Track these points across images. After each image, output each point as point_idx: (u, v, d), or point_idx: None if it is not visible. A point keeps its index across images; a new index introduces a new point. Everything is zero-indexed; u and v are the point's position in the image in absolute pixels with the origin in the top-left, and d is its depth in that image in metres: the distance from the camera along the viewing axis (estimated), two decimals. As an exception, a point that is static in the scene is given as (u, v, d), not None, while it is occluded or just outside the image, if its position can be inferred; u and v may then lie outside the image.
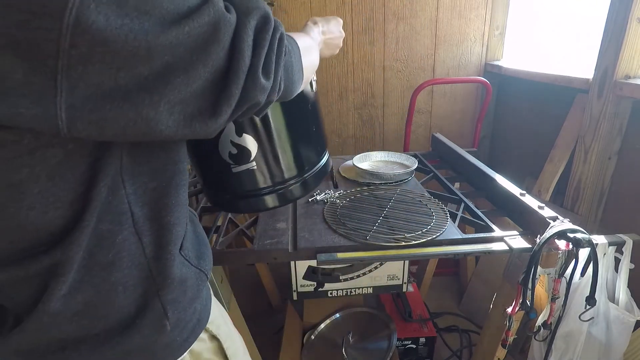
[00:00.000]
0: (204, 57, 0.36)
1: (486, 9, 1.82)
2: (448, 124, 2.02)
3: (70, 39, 0.29)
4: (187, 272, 0.51)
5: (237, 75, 0.38)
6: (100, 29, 0.30)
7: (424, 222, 0.93)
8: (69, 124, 0.32)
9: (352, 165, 1.27)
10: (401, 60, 1.89)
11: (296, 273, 1.14)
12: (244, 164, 0.70)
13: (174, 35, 0.33)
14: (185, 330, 0.52)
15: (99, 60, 0.31)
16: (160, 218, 0.47)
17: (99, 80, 0.32)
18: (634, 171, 1.20)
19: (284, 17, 1.77)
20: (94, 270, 0.43)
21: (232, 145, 0.68)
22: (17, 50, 0.29)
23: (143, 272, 0.46)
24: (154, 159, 0.45)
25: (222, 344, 0.59)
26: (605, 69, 1.19)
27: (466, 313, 1.77)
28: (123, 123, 0.34)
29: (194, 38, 0.35)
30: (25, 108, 0.31)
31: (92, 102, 0.32)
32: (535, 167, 1.57)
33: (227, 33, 0.37)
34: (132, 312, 0.46)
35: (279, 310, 1.76)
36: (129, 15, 0.31)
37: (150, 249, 0.46)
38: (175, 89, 0.35)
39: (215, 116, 0.38)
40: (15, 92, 0.30)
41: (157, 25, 0.32)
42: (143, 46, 0.32)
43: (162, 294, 0.47)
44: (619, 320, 0.91)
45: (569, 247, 0.78)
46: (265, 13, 0.41)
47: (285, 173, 0.75)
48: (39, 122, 0.32)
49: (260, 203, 0.76)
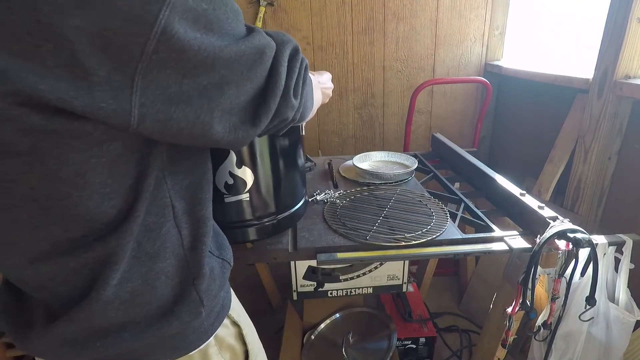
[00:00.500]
0: (251, 75, 0.43)
1: (486, 9, 1.82)
2: (448, 124, 2.03)
3: (155, 45, 0.34)
4: (212, 262, 0.55)
5: (275, 93, 0.45)
6: (180, 39, 0.35)
7: (424, 222, 0.93)
8: (139, 120, 0.36)
9: (352, 165, 1.27)
10: (401, 60, 1.89)
11: (296, 273, 1.14)
12: (237, 195, 0.75)
13: (233, 52, 0.39)
14: (212, 316, 0.56)
15: (171, 66, 0.36)
16: (195, 212, 0.51)
17: (166, 84, 0.36)
18: (634, 171, 1.20)
19: (284, 17, 1.78)
20: (141, 260, 0.46)
21: (229, 176, 0.73)
22: (107, 51, 0.33)
23: (180, 262, 0.50)
24: (188, 158, 0.50)
25: (242, 330, 0.62)
26: (605, 69, 1.19)
27: (466, 313, 1.77)
28: (183, 124, 0.39)
29: (246, 58, 0.41)
30: (106, 103, 0.34)
31: (160, 103, 0.37)
32: (535, 167, 1.57)
33: (270, 58, 0.45)
34: (171, 299, 0.50)
35: (279, 310, 1.77)
36: (200, 30, 0.36)
37: (187, 240, 0.50)
38: (227, 100, 0.41)
39: (255, 126, 0.45)
40: (99, 88, 0.33)
41: (221, 42, 0.38)
42: (210, 57, 0.37)
43: (197, 282, 0.51)
44: (619, 320, 0.91)
45: (569, 247, 0.78)
46: (296, 46, 0.50)
47: (270, 207, 0.81)
48: (116, 116, 0.35)
49: (239, 235, 0.81)
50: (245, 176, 0.74)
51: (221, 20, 0.38)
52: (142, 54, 0.34)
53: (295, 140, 0.82)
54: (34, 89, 0.31)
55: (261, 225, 0.81)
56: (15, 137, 0.34)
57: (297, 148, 0.83)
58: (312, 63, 1.86)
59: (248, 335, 0.64)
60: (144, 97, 0.35)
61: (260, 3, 1.72)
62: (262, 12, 1.74)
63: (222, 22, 0.38)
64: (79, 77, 0.32)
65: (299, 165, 0.86)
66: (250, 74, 0.42)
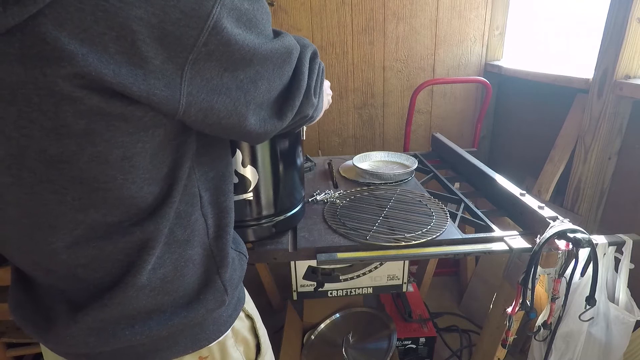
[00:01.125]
0: (280, 72, 0.47)
1: (486, 9, 1.82)
2: (448, 124, 2.02)
3: (207, 38, 0.37)
4: (232, 254, 0.56)
5: (299, 90, 0.50)
6: (228, 34, 0.38)
7: (424, 222, 0.93)
8: (186, 107, 0.39)
9: (352, 165, 1.27)
10: (401, 60, 1.89)
11: (296, 273, 1.14)
12: (241, 194, 0.76)
13: (268, 50, 0.43)
14: (230, 307, 0.57)
15: (216, 58, 0.39)
16: (219, 203, 0.53)
17: (209, 76, 0.39)
18: (634, 171, 1.20)
19: (284, 17, 1.77)
20: (172, 247, 0.48)
21: (235, 174, 0.73)
22: (163, 41, 0.35)
23: (206, 251, 0.52)
24: (213, 151, 0.52)
25: (255, 323, 0.63)
26: (605, 69, 1.19)
27: (466, 313, 1.77)
28: (223, 114, 0.42)
29: (278, 56, 0.45)
30: (159, 90, 0.36)
31: (204, 93, 0.40)
32: (535, 167, 1.57)
33: (296, 58, 0.49)
34: (197, 287, 0.51)
35: (279, 310, 1.77)
36: (242, 27, 0.40)
37: (212, 230, 0.52)
38: (261, 94, 0.45)
39: (281, 120, 0.49)
40: (154, 75, 0.36)
41: (258, 39, 0.42)
42: (250, 52, 0.41)
43: (222, 272, 0.53)
44: (619, 320, 0.91)
45: (569, 247, 0.78)
46: (316, 50, 0.55)
47: (270, 209, 0.82)
48: (167, 103, 0.38)
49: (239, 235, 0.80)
50: (250, 175, 0.75)
51: (258, 20, 0.42)
52: (194, 46, 0.36)
53: (295, 142, 0.82)
54: (98, 73, 0.33)
55: (261, 225, 0.81)
56: (73, 118, 0.36)
57: (297, 150, 0.84)
58: (312, 63, 1.86)
59: (260, 328, 0.65)
60: (191, 86, 0.38)
61: (260, 3, 1.72)
62: (262, 12, 1.74)
63: (259, 22, 0.42)
64: (137, 64, 0.35)
65: (299, 167, 0.87)
66: (280, 72, 0.47)
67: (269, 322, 1.69)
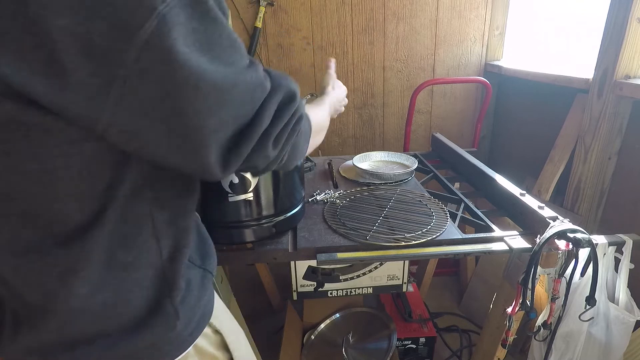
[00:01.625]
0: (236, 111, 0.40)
1: (486, 9, 1.82)
2: (448, 124, 2.02)
3: (139, 53, 0.32)
4: (192, 273, 0.53)
5: (252, 136, 0.42)
6: (167, 51, 0.33)
7: (424, 222, 0.93)
8: (106, 126, 0.35)
9: (352, 165, 1.27)
10: (401, 60, 1.89)
11: (296, 273, 1.14)
12: (241, 194, 0.75)
13: (220, 79, 0.37)
14: (190, 326, 0.53)
15: (153, 80, 0.34)
16: (178, 223, 0.49)
17: (142, 97, 0.34)
18: (634, 171, 1.20)
19: (284, 17, 1.77)
20: (114, 271, 0.44)
21: (235, 175, 0.73)
22: (90, 54, 0.32)
23: (158, 272, 0.48)
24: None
25: (224, 338, 0.60)
26: (605, 69, 1.19)
27: (466, 313, 1.77)
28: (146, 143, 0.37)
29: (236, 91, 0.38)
30: (75, 103, 0.33)
31: (135, 115, 0.35)
32: (535, 167, 1.57)
33: (260, 99, 0.42)
34: (144, 312, 0.47)
35: (279, 310, 1.76)
36: (190, 47, 0.34)
37: (167, 250, 0.48)
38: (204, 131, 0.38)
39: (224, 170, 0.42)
40: (73, 88, 0.33)
41: (209, 65, 0.36)
42: (194, 77, 0.35)
43: (174, 295, 0.49)
44: (619, 320, 0.91)
45: (569, 247, 0.78)
46: (293, 93, 0.46)
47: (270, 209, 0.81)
48: (83, 118, 0.34)
49: (239, 235, 0.81)
50: (250, 175, 0.75)
51: (214, 43, 0.36)
52: (124, 61, 0.32)
53: None
54: (5, 77, 0.31)
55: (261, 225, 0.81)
56: None
57: None
58: (312, 63, 1.86)
59: (232, 342, 0.61)
60: (117, 105, 0.34)
61: (260, 3, 1.72)
62: (262, 12, 1.74)
63: (215, 45, 0.36)
64: (53, 74, 0.32)
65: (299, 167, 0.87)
66: (236, 111, 0.40)
67: (269, 322, 1.70)
